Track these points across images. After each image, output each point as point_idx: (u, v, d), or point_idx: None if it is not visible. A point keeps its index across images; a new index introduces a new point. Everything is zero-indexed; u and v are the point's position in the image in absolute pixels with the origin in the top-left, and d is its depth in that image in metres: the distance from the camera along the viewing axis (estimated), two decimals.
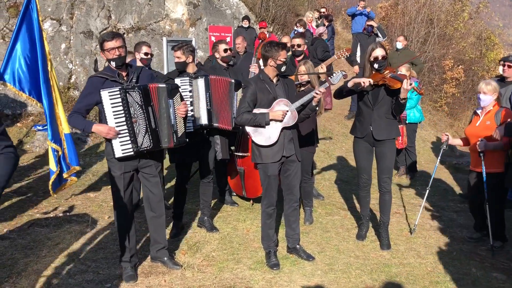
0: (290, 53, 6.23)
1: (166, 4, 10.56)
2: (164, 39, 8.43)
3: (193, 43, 9.07)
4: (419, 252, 4.50)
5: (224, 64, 5.09)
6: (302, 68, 4.87)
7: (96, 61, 9.08)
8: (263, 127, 3.93)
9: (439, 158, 5.19)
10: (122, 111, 3.51)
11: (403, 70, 6.85)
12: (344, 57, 5.54)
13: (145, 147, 3.65)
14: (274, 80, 4.01)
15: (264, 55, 3.97)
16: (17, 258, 4.03)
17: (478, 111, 4.76)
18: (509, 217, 5.27)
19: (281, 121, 3.91)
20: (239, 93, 4.56)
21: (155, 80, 3.90)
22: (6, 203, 5.29)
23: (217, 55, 5.10)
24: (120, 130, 3.52)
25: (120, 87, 3.51)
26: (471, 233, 4.98)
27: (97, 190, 5.93)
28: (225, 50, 5.04)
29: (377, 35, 10.34)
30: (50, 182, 5.23)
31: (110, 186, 6.02)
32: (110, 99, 3.46)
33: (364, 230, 4.72)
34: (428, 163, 8.71)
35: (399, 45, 8.84)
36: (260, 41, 5.51)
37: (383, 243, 4.53)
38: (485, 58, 16.21)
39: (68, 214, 5.13)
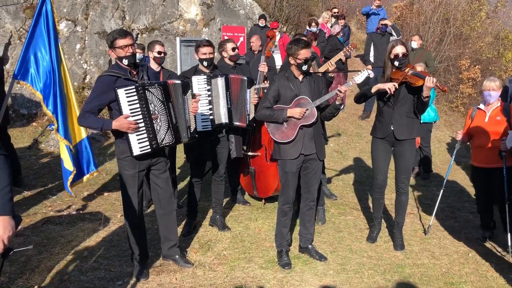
0: None
1: (180, 4, 10.60)
2: (178, 39, 8.46)
3: None
4: (433, 253, 4.43)
5: (232, 63, 5.05)
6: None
7: (110, 61, 9.15)
8: (281, 123, 3.92)
9: (453, 157, 5.12)
10: (139, 109, 3.49)
11: (418, 69, 6.77)
12: (350, 52, 5.45)
13: (167, 143, 3.65)
14: (300, 78, 3.98)
15: (287, 52, 3.96)
16: (30, 255, 4.06)
17: (482, 107, 4.75)
18: None
19: (299, 119, 3.89)
20: (252, 90, 4.54)
21: (158, 78, 3.93)
22: (21, 201, 5.35)
23: (224, 54, 5.02)
24: (138, 127, 3.50)
25: (137, 84, 3.50)
26: (482, 232, 4.92)
27: (110, 188, 5.97)
28: (233, 49, 4.99)
29: (391, 34, 10.24)
30: (69, 183, 5.19)
31: None
32: (127, 97, 3.44)
33: (375, 232, 4.65)
34: (443, 163, 8.59)
35: (415, 44, 8.75)
36: (268, 39, 5.46)
37: (396, 243, 4.47)
38: (503, 58, 15.93)
39: (81, 212, 5.16)
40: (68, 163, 5.17)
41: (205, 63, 4.50)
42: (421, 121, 6.98)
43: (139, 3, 9.84)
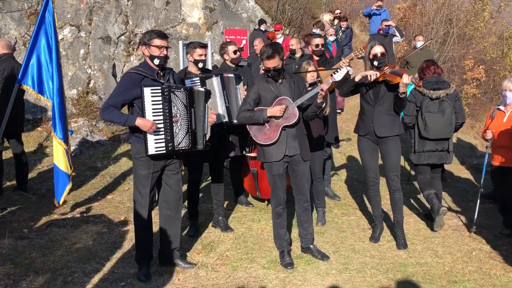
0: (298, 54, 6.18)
1: (183, 8, 10.66)
2: (180, 42, 8.50)
3: (209, 47, 9.13)
4: (436, 251, 4.41)
5: (233, 66, 5.06)
6: (312, 68, 4.83)
7: (114, 65, 9.21)
8: (263, 124, 3.93)
9: (486, 156, 5.10)
10: (161, 110, 3.55)
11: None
12: (361, 55, 5.47)
13: (183, 147, 3.69)
14: (279, 79, 3.99)
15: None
16: (34, 257, 4.09)
17: (502, 108, 4.85)
18: None
19: (280, 117, 3.89)
20: (241, 87, 4.58)
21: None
22: (26, 204, 5.40)
23: (226, 57, 5.02)
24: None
25: (164, 86, 3.57)
26: (501, 229, 4.94)
27: (114, 192, 6.00)
28: (235, 52, 4.99)
29: (394, 35, 10.25)
30: (68, 189, 5.09)
31: (126, 188, 6.12)
32: (152, 96, 3.51)
33: (377, 231, 4.64)
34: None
35: (420, 44, 8.81)
36: (269, 40, 5.49)
37: (399, 242, 4.46)
38: (507, 57, 15.90)
39: (85, 215, 5.19)
40: (66, 166, 5.08)
41: (200, 65, 4.52)
42: None
43: (142, 8, 9.91)
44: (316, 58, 5.61)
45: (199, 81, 4.41)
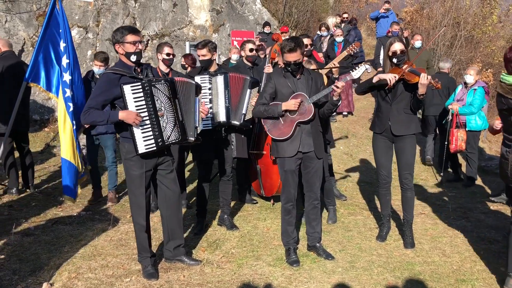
0: None
1: (190, 10, 10.70)
2: (187, 43, 8.55)
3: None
4: (444, 251, 4.36)
5: (249, 63, 5.13)
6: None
7: None
8: (278, 119, 3.91)
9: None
10: (145, 106, 3.46)
11: (472, 72, 6.80)
12: (353, 51, 5.45)
13: (173, 140, 3.63)
14: (298, 75, 3.98)
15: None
16: (40, 253, 4.10)
17: None
18: None
19: (294, 112, 3.87)
20: (254, 91, 4.56)
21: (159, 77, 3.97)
22: (33, 202, 5.42)
23: (243, 54, 5.19)
24: (143, 125, 3.48)
25: (144, 81, 3.48)
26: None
27: (120, 190, 6.00)
28: (251, 50, 5.11)
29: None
30: (79, 184, 5.10)
31: None
32: (133, 93, 3.42)
33: (384, 230, 4.59)
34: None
35: (419, 44, 8.86)
36: (274, 42, 5.51)
37: (406, 241, 4.41)
38: None
39: (91, 213, 5.20)
40: (77, 161, 5.02)
41: (201, 64, 4.58)
42: (467, 129, 6.78)
43: (149, 10, 9.97)
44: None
45: (208, 77, 4.45)
